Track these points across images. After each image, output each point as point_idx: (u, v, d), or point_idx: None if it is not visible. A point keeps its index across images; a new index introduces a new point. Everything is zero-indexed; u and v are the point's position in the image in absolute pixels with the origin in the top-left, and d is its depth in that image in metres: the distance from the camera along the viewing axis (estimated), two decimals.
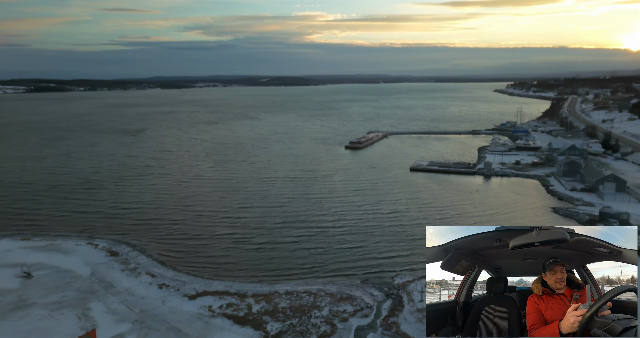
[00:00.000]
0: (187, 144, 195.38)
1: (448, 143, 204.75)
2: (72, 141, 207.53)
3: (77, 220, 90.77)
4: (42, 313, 53.20)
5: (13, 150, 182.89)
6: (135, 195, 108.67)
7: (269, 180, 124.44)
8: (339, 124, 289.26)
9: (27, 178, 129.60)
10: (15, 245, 76.49)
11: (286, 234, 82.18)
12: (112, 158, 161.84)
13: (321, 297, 58.80)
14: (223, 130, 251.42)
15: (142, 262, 70.07)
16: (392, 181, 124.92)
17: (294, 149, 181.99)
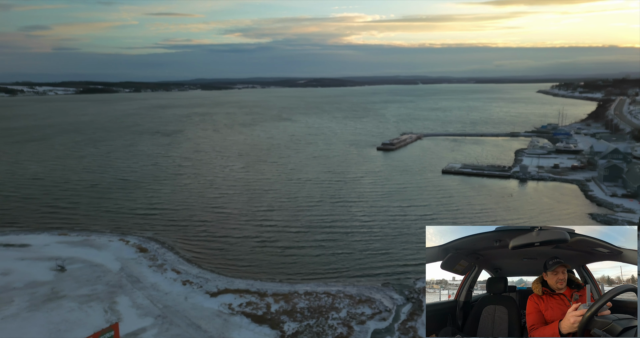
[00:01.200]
0: (220, 145, 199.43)
1: (484, 145, 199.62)
2: (112, 141, 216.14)
3: (111, 217, 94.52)
4: (72, 306, 55.67)
5: (58, 149, 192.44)
6: (168, 195, 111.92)
7: (299, 182, 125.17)
8: (373, 125, 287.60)
9: (68, 176, 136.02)
10: (53, 239, 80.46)
11: (311, 237, 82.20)
12: (148, 158, 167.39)
13: (340, 299, 58.70)
14: (257, 131, 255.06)
15: (169, 259, 72.17)
16: (423, 185, 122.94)
17: (326, 150, 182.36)
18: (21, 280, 62.94)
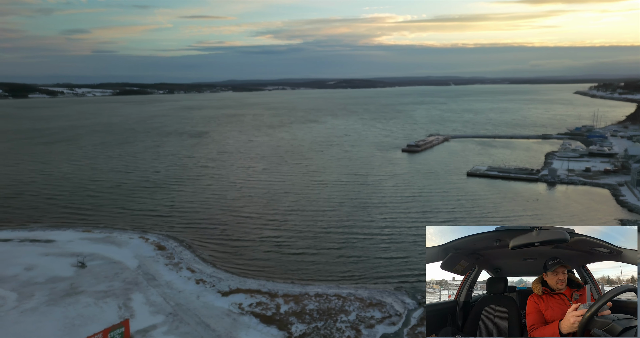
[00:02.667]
0: (244, 147, 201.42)
1: (514, 147, 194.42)
2: (140, 142, 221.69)
3: (134, 216, 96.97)
4: (88, 301, 57.26)
5: (87, 149, 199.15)
6: (189, 195, 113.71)
7: (320, 184, 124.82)
8: (401, 127, 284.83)
9: (96, 175, 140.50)
10: (77, 236, 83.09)
11: (328, 241, 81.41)
12: (173, 159, 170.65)
13: (350, 301, 58.18)
14: (283, 133, 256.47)
15: (185, 258, 73.33)
16: (446, 188, 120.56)
17: (350, 152, 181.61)
18: (43, 275, 65.21)
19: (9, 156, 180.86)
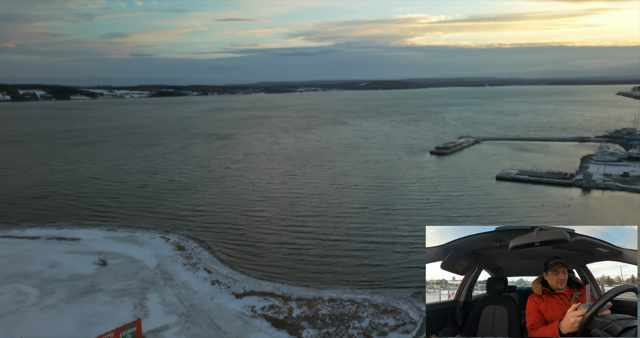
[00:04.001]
0: (270, 149, 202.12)
1: (548, 150, 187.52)
2: (169, 143, 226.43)
3: (157, 216, 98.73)
4: (106, 299, 58.26)
5: (117, 150, 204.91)
6: (213, 197, 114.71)
7: (343, 188, 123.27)
8: (431, 129, 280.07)
9: (123, 176, 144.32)
10: (102, 234, 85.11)
11: (348, 246, 79.65)
12: (199, 160, 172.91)
13: (364, 307, 56.94)
14: (309, 135, 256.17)
15: (203, 258, 73.81)
16: (473, 192, 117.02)
17: (377, 155, 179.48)
18: (66, 272, 66.96)
19: (43, 156, 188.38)
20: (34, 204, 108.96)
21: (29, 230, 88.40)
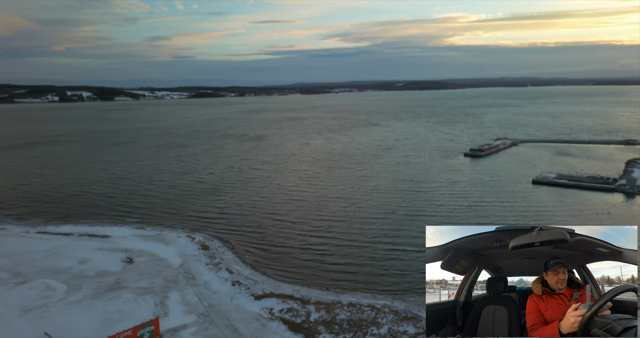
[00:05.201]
0: (301, 150, 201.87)
1: (591, 153, 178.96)
2: (202, 144, 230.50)
3: (185, 215, 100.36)
4: (129, 297, 59.30)
5: (152, 150, 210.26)
6: (240, 198, 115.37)
7: (372, 190, 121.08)
8: (468, 131, 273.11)
9: (155, 175, 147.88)
10: (131, 232, 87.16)
11: (375, 251, 77.67)
12: (230, 161, 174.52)
13: (384, 314, 55.50)
14: (340, 136, 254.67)
15: (226, 258, 74.20)
16: (509, 198, 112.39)
17: (408, 157, 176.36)
18: (94, 268, 68.75)
19: (81, 156, 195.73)
20: (69, 202, 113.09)
21: (64, 226, 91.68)
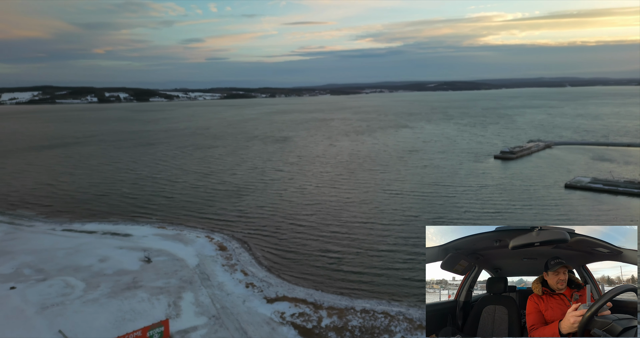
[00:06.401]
0: (325, 152, 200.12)
1: (630, 157, 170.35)
2: (229, 145, 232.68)
3: (206, 215, 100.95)
4: (144, 297, 59.73)
5: (178, 151, 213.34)
6: (261, 200, 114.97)
7: (397, 194, 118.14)
8: (500, 133, 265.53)
9: (180, 176, 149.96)
10: (152, 231, 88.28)
11: (395, 259, 74.96)
12: (253, 162, 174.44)
13: (398, 321, 53.78)
14: (367, 138, 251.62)
15: (242, 260, 73.95)
16: (539, 203, 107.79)
17: (436, 160, 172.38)
18: (113, 267, 69.77)
19: (111, 156, 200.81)
20: (96, 201, 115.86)
21: (89, 224, 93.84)
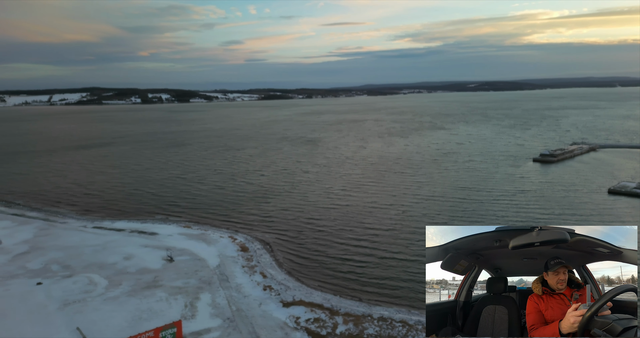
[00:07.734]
0: (355, 154, 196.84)
1: None
2: (261, 145, 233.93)
3: (232, 216, 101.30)
4: (162, 296, 60.05)
5: (209, 152, 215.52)
6: (287, 201, 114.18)
7: (426, 199, 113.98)
8: (541, 135, 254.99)
9: (207, 176, 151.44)
10: (177, 230, 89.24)
11: (418, 268, 71.16)
12: (281, 164, 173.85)
13: (416, 331, 51.58)
14: (400, 139, 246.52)
15: (262, 262, 73.36)
16: (580, 210, 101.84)
17: (471, 163, 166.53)
18: (136, 265, 70.74)
19: (143, 156, 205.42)
20: (127, 199, 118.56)
21: (118, 222, 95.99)
